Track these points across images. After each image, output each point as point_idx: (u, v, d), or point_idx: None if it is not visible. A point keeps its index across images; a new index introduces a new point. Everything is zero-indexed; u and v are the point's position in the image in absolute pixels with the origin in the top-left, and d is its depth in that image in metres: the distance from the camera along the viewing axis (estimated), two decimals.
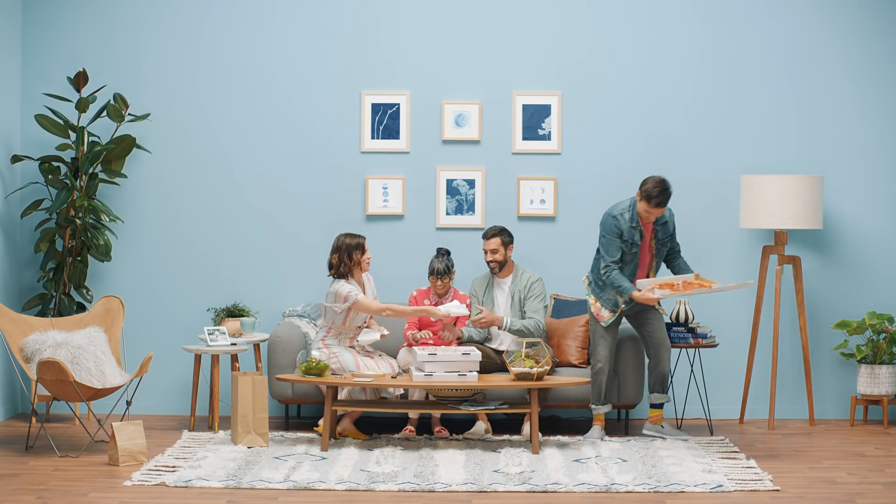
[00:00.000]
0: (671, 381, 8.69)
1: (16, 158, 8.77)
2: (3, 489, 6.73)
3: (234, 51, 9.05)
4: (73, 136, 8.77)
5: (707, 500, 6.65)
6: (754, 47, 9.02)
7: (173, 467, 7.23)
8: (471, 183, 9.04)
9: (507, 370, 8.18)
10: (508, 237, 8.48)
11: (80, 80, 8.70)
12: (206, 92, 9.05)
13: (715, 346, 8.54)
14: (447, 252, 8.45)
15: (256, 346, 8.75)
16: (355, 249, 8.17)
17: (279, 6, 9.04)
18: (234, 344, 8.42)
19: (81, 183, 8.73)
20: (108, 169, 8.83)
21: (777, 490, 6.86)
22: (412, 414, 8.29)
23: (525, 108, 9.02)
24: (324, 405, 7.84)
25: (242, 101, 9.06)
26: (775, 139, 9.03)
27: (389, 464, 7.30)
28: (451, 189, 9.03)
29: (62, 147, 8.80)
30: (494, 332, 8.52)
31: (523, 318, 8.43)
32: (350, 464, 7.31)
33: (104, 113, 8.79)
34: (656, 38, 9.03)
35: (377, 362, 8.15)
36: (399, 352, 8.44)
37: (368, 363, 8.10)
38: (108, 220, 8.79)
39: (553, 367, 8.25)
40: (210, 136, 9.06)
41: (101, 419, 8.15)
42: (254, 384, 7.83)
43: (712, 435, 8.37)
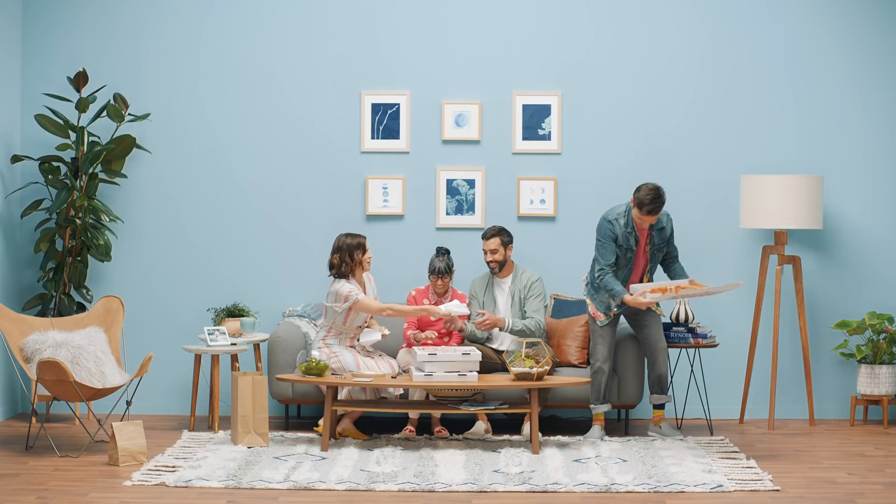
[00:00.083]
0: (671, 382, 8.70)
1: (16, 158, 8.77)
2: (3, 489, 6.73)
3: (234, 51, 9.05)
4: (73, 136, 8.77)
5: (707, 500, 6.64)
6: (754, 47, 9.02)
7: (173, 467, 7.23)
8: (471, 183, 9.04)
9: (507, 370, 8.18)
10: (508, 237, 8.48)
11: (80, 80, 8.70)
12: (206, 92, 9.05)
13: (715, 346, 8.54)
14: (447, 251, 8.45)
15: (256, 346, 8.74)
16: (356, 249, 8.17)
17: (279, 6, 9.04)
18: (234, 344, 8.42)
19: (81, 183, 8.73)
20: (108, 169, 8.83)
21: (777, 490, 6.85)
22: (412, 414, 8.29)
23: (525, 108, 9.02)
24: (324, 405, 7.84)
25: (242, 101, 9.06)
26: (775, 139, 9.03)
27: (389, 464, 7.30)
28: (451, 189, 9.03)
29: (62, 147, 8.80)
30: (495, 332, 8.51)
31: (524, 317, 8.43)
32: (350, 464, 7.31)
33: (104, 113, 8.79)
34: (656, 38, 9.03)
35: (377, 362, 8.15)
36: (399, 352, 8.44)
37: (368, 363, 8.10)
38: (108, 220, 8.79)
39: (553, 367, 8.25)
40: (210, 136, 9.06)
41: (101, 419, 8.15)
42: (254, 384, 7.83)
43: (712, 435, 8.37)
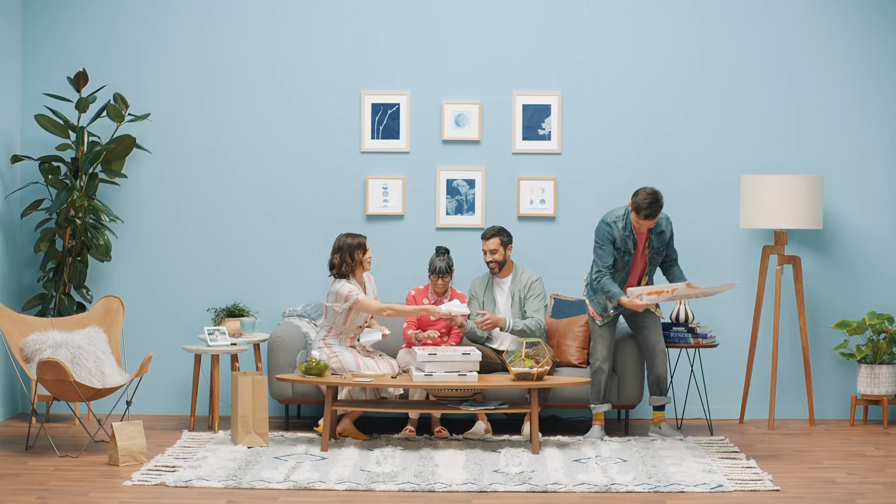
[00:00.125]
0: (671, 382, 8.70)
1: (16, 158, 8.77)
2: (3, 489, 6.73)
3: (234, 51, 9.05)
4: (73, 136, 8.77)
5: (707, 500, 6.64)
6: (754, 47, 9.02)
7: (173, 467, 7.23)
8: (471, 183, 9.04)
9: (507, 370, 8.18)
10: (507, 237, 8.48)
11: (80, 80, 8.70)
12: (206, 92, 9.05)
13: (715, 346, 8.54)
14: (447, 250, 8.45)
15: (256, 346, 8.74)
16: (357, 249, 8.17)
17: (279, 6, 9.04)
18: (234, 344, 8.42)
19: (81, 183, 8.73)
20: (108, 169, 8.83)
21: (777, 490, 6.85)
22: (412, 414, 8.29)
23: (525, 108, 9.02)
24: (324, 405, 7.84)
25: (242, 101, 9.05)
26: (775, 139, 9.03)
27: (389, 464, 7.30)
28: (451, 189, 9.03)
29: (62, 147, 8.80)
30: (495, 332, 8.51)
31: (524, 317, 8.43)
32: (350, 464, 7.31)
33: (104, 113, 8.79)
34: (656, 38, 9.03)
35: (377, 362, 8.15)
36: (399, 352, 8.44)
37: (369, 363, 8.10)
38: (108, 220, 8.79)
39: (553, 367, 8.25)
40: (210, 136, 9.06)
41: (101, 419, 8.15)
42: (254, 384, 7.83)
43: (712, 435, 8.37)
